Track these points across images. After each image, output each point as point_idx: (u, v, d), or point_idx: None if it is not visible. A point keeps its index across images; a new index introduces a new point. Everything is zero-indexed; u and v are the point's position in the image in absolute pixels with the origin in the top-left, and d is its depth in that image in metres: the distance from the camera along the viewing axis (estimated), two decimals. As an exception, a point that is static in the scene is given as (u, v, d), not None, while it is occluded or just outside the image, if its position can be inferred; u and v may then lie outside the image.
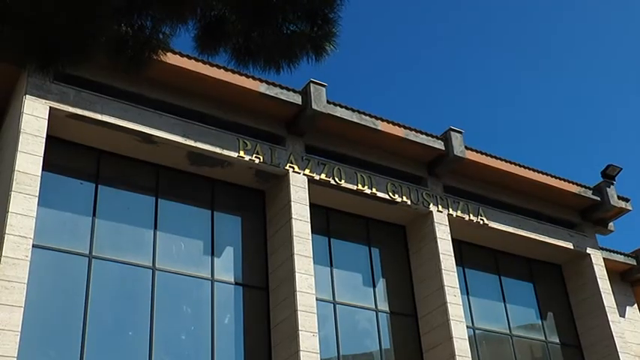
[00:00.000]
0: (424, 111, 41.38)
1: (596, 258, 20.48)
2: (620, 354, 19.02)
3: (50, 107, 13.86)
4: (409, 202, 17.66)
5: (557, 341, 19.87)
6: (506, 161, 19.24)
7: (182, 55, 14.88)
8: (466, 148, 18.44)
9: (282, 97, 16.16)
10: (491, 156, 19.05)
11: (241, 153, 15.67)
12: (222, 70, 15.41)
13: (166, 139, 14.95)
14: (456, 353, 16.12)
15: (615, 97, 42.70)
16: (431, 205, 17.92)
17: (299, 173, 16.23)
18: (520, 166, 19.48)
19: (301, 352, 14.14)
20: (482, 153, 18.91)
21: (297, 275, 14.90)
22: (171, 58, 14.36)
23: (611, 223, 21.48)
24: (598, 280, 20.03)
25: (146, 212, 15.06)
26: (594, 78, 42.83)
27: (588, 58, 42.59)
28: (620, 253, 21.96)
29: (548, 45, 42.26)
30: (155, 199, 15.29)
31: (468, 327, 17.31)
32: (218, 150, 15.44)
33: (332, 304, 16.35)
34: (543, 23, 41.68)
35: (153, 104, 15.11)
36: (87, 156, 14.85)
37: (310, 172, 16.42)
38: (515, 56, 42.12)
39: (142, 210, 15.05)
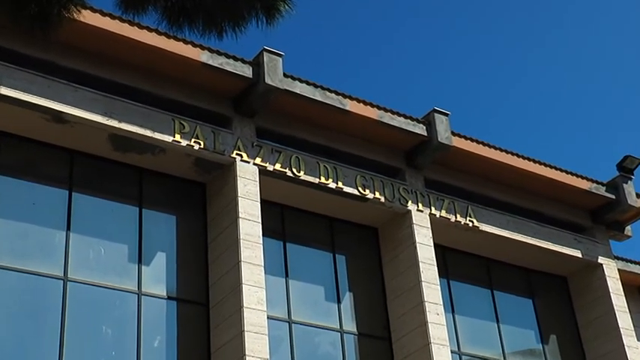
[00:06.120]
0: (403, 89, 41.62)
1: (610, 269, 20.76)
2: (637, 385, 19.34)
3: (-64, 77, 13.73)
4: (383, 199, 17.74)
5: (561, 369, 20.18)
6: (500, 150, 19.41)
7: (103, 14, 14.78)
8: (452, 133, 18.58)
9: (229, 69, 16.13)
10: (483, 143, 19.20)
11: (177, 137, 15.63)
12: (154, 33, 15.34)
13: (83, 118, 14.84)
14: (438, 384, 16.29)
15: (634, 78, 43.25)
16: (409, 202, 18.03)
17: (248, 162, 16.23)
18: (518, 156, 19.67)
19: (248, 383, 14.19)
20: (472, 140, 19.06)
21: (245, 288, 14.91)
22: (89, 18, 14.22)
23: (628, 227, 21.79)
24: (612, 295, 20.30)
25: (57, 209, 14.96)
26: (610, 53, 43.36)
27: (603, 29, 43.09)
28: (639, 264, 22.25)
29: (555, 15, 42.65)
30: (68, 192, 15.21)
31: (452, 352, 17.46)
32: (148, 133, 15.38)
33: (287, 324, 16.41)
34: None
35: (66, 75, 14.99)
36: (-18, 138, 14.71)
37: (262, 161, 16.42)
38: (512, 27, 42.51)
39: (52, 206, 14.96)
